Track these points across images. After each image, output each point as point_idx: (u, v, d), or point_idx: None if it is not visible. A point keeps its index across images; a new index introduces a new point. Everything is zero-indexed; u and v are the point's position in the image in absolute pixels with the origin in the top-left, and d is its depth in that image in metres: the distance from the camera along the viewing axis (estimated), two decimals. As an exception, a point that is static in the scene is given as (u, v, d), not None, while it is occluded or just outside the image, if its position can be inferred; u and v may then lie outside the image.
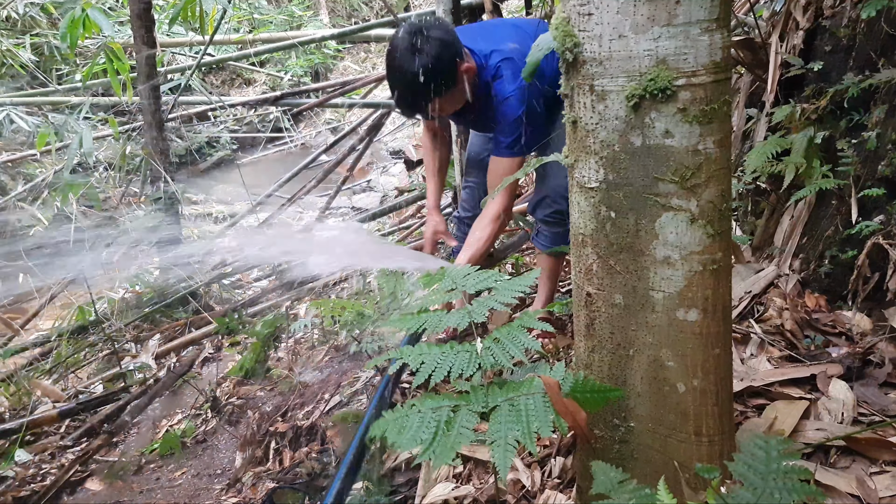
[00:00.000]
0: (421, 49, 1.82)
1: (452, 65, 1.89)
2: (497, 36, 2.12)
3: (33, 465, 2.67)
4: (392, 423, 1.14)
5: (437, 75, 1.83)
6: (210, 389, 3.06)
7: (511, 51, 2.03)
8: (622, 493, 0.98)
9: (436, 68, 1.83)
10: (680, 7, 0.94)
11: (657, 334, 1.10)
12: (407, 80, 1.84)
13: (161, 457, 2.68)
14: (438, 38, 1.84)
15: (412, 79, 1.83)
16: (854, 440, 1.41)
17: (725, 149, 1.02)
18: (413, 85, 1.84)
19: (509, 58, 2.01)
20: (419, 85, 1.83)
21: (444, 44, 1.85)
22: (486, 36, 2.12)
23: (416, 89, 1.85)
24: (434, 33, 1.85)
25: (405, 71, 1.84)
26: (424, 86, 1.83)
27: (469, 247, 2.09)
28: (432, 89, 1.84)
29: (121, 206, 5.09)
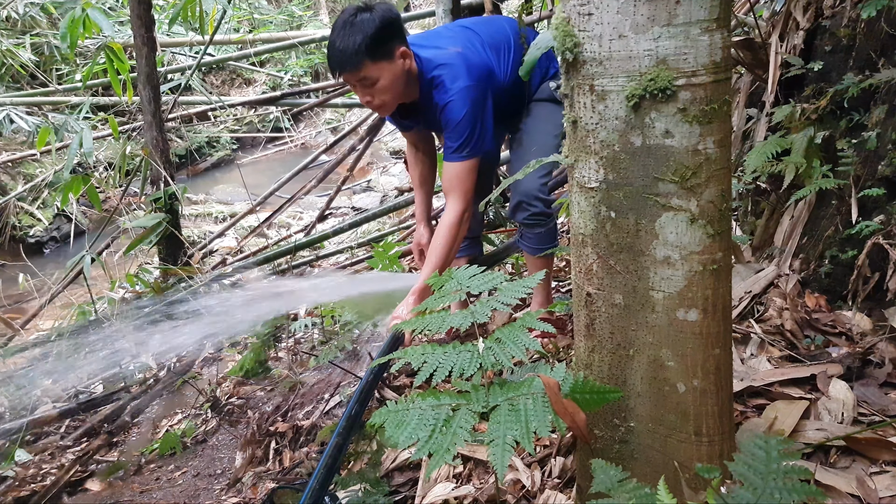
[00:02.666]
0: (363, 11, 1.91)
1: (388, 35, 1.92)
2: (443, 40, 2.13)
3: (33, 465, 2.67)
4: (391, 415, 1.14)
5: (371, 36, 1.88)
6: (210, 389, 3.06)
7: (449, 56, 2.04)
8: (622, 493, 0.98)
9: (370, 27, 1.87)
10: (680, 7, 0.94)
11: (657, 334, 1.10)
12: (341, 31, 1.89)
13: (161, 457, 2.68)
14: (380, 10, 1.92)
15: (345, 29, 1.88)
16: (854, 440, 1.41)
17: (725, 149, 1.02)
18: (345, 37, 1.88)
19: (444, 63, 2.02)
20: (351, 39, 1.87)
21: (384, 15, 1.91)
22: (433, 39, 2.14)
23: (347, 43, 1.88)
24: (378, 7, 1.92)
25: (341, 23, 1.90)
26: (356, 43, 1.87)
27: (430, 257, 2.08)
28: (364, 48, 1.87)
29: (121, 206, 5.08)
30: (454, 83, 2.00)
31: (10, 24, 7.26)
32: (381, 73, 1.96)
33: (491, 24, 2.28)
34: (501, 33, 2.21)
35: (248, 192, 5.54)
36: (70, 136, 3.98)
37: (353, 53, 1.90)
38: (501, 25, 2.25)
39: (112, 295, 3.77)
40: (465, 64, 2.03)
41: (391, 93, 2.01)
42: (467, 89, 1.99)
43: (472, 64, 2.04)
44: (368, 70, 1.93)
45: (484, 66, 2.08)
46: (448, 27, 2.34)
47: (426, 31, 2.37)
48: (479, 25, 2.24)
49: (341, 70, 1.95)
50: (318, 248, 4.66)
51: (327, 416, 2.49)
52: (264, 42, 6.53)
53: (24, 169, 7.21)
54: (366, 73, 1.94)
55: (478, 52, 2.11)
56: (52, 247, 6.99)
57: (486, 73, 2.08)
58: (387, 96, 2.01)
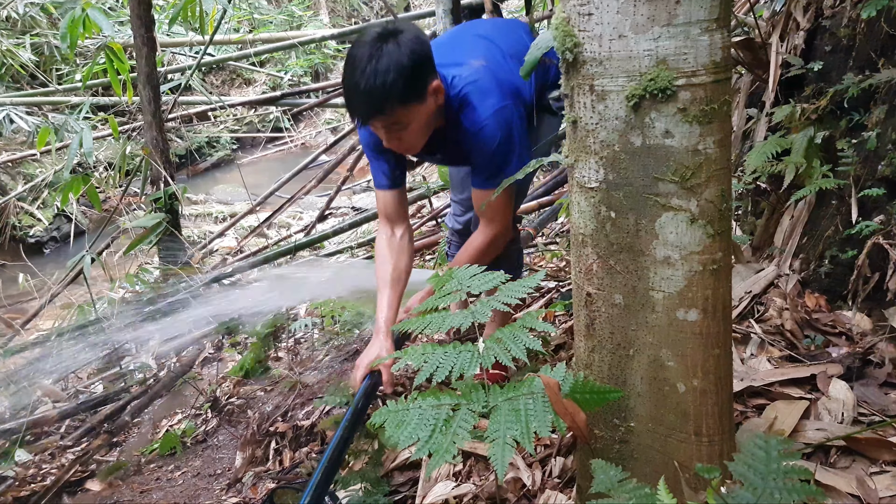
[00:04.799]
0: (387, 41, 1.56)
1: (421, 74, 1.61)
2: (460, 52, 1.84)
3: (33, 464, 2.67)
4: (392, 415, 1.15)
5: (404, 76, 1.55)
6: (210, 389, 3.06)
7: (475, 71, 1.75)
8: (622, 493, 0.98)
9: (402, 66, 1.55)
10: (680, 7, 0.94)
11: (657, 334, 1.10)
12: (365, 67, 1.54)
13: (161, 457, 2.68)
14: (409, 40, 1.58)
15: (370, 66, 1.54)
16: (854, 440, 1.41)
17: (725, 149, 1.02)
18: (372, 82, 1.54)
19: (471, 80, 1.73)
20: (379, 81, 1.54)
21: (415, 49, 1.58)
22: (449, 52, 1.83)
23: (374, 88, 1.55)
24: (405, 36, 1.59)
25: (364, 56, 1.55)
26: (386, 87, 1.54)
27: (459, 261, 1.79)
28: (395, 92, 1.55)
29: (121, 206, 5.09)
30: (484, 102, 1.71)
31: (10, 23, 7.26)
32: (414, 117, 1.65)
33: (507, 33, 1.97)
34: (521, 43, 1.90)
35: (248, 192, 5.55)
36: (70, 136, 3.98)
37: (381, 99, 1.56)
38: (519, 35, 1.96)
39: (112, 295, 3.77)
40: (493, 79, 1.74)
41: (421, 135, 1.73)
42: (501, 111, 1.71)
43: (501, 80, 1.75)
44: (399, 115, 1.62)
45: (512, 83, 1.78)
46: (462, 35, 2.04)
47: (438, 40, 2.06)
48: (495, 34, 1.94)
49: (366, 119, 1.63)
50: (319, 248, 4.66)
51: (327, 416, 2.49)
52: (264, 42, 6.54)
53: (24, 169, 7.21)
54: (396, 119, 1.63)
55: (502, 66, 1.81)
56: (52, 247, 6.99)
57: (515, 90, 1.78)
58: (416, 139, 1.73)
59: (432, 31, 4.71)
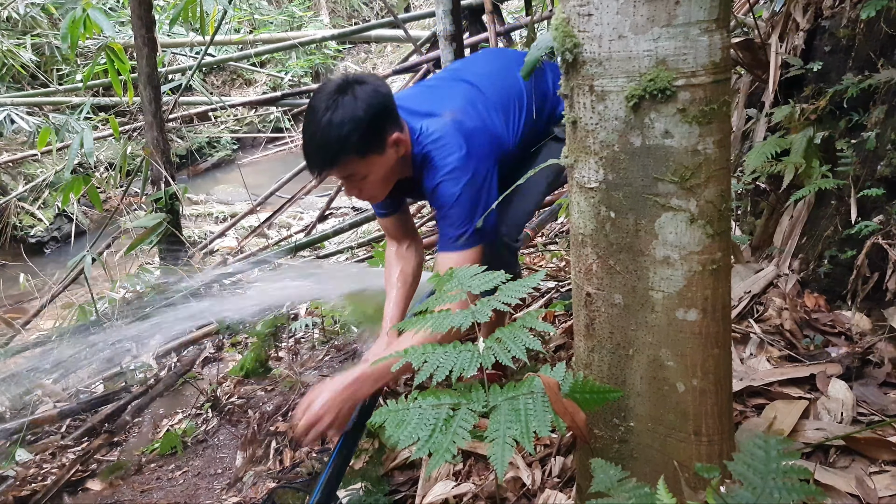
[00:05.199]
0: (344, 93, 1.56)
1: (377, 127, 1.59)
2: (437, 101, 1.80)
3: (34, 464, 2.68)
4: (392, 415, 1.15)
5: (359, 130, 1.54)
6: (210, 389, 3.06)
7: (441, 126, 1.71)
8: (622, 492, 0.99)
9: (357, 119, 1.54)
10: (680, 7, 0.94)
11: (657, 334, 1.10)
12: (321, 118, 1.54)
13: (161, 456, 2.68)
14: (367, 93, 1.57)
15: (326, 116, 1.54)
16: (853, 440, 1.41)
17: (725, 149, 1.02)
18: (327, 134, 1.54)
19: (436, 137, 1.69)
20: (333, 133, 1.53)
21: (372, 101, 1.57)
22: (426, 100, 1.81)
23: (329, 140, 1.54)
24: (364, 88, 1.57)
25: (321, 107, 1.55)
26: (341, 139, 1.54)
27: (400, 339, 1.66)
28: (350, 145, 1.55)
29: (121, 206, 5.09)
30: (445, 159, 1.67)
31: (10, 24, 7.27)
32: (371, 169, 1.63)
33: (503, 75, 1.91)
34: (513, 88, 1.87)
35: (249, 193, 5.55)
36: (71, 137, 3.99)
37: (336, 151, 1.56)
38: (514, 77, 1.86)
39: (113, 295, 3.77)
40: (459, 133, 1.70)
41: (383, 185, 1.72)
42: (461, 168, 1.66)
43: (468, 131, 1.71)
44: (355, 168, 1.61)
45: (485, 132, 1.75)
46: (449, 79, 1.97)
47: (425, 83, 2.01)
48: (486, 80, 1.88)
49: (321, 170, 1.60)
50: (319, 247, 4.66)
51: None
52: (265, 42, 6.55)
53: (24, 169, 7.22)
54: (351, 171, 1.62)
55: (478, 115, 1.78)
56: (52, 247, 6.99)
57: (488, 139, 1.75)
58: (377, 190, 1.72)
59: (432, 32, 4.71)
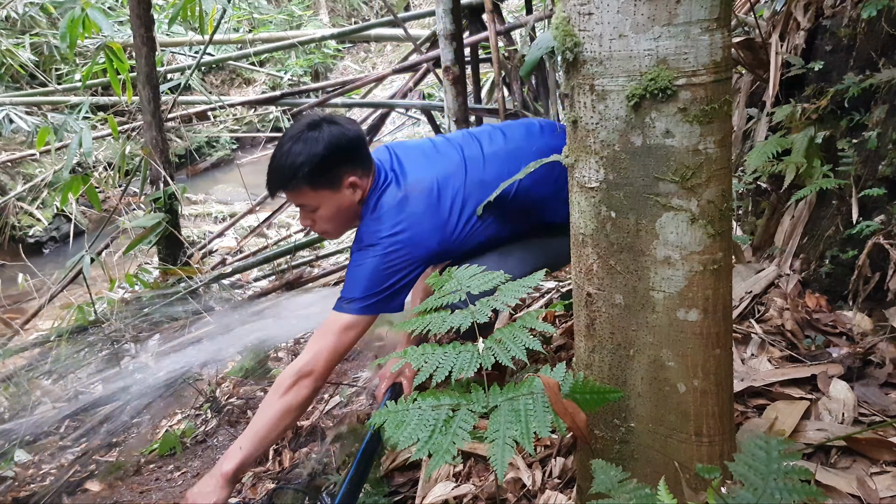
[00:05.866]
0: (313, 129, 1.70)
1: (333, 162, 1.70)
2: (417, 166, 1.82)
3: (33, 465, 2.67)
4: (391, 416, 1.15)
5: (313, 162, 1.66)
6: (210, 389, 3.06)
7: (394, 199, 1.73)
8: (622, 493, 0.98)
9: (313, 152, 1.66)
10: (680, 7, 0.94)
11: (657, 334, 1.09)
12: (285, 147, 1.69)
13: (161, 457, 2.68)
14: (331, 133, 1.69)
15: (289, 145, 1.69)
16: (855, 440, 1.40)
17: (726, 148, 1.01)
18: (284, 160, 1.68)
19: (378, 206, 1.73)
20: (290, 160, 1.67)
21: (332, 141, 1.69)
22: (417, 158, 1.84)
23: (284, 165, 1.68)
24: (330, 128, 1.70)
25: (288, 138, 1.70)
26: (294, 167, 1.66)
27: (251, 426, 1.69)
28: (302, 174, 1.67)
29: (120, 206, 5.08)
30: (376, 232, 1.70)
31: (9, 23, 7.26)
32: (322, 203, 1.74)
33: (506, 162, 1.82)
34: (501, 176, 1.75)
35: (248, 192, 5.54)
36: (69, 136, 3.98)
37: (289, 177, 1.69)
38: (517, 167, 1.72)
39: (111, 295, 3.77)
40: (402, 213, 1.72)
41: (333, 223, 1.79)
42: (388, 246, 1.68)
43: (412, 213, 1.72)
44: (306, 197, 1.73)
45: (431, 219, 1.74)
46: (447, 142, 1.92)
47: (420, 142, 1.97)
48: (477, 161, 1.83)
49: (274, 189, 1.74)
50: (318, 247, 4.66)
51: (327, 416, 2.49)
52: (264, 42, 6.54)
53: (23, 169, 7.21)
54: (303, 200, 1.75)
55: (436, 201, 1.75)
56: (51, 247, 6.99)
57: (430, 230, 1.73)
58: (329, 226, 1.80)
59: (432, 31, 4.71)
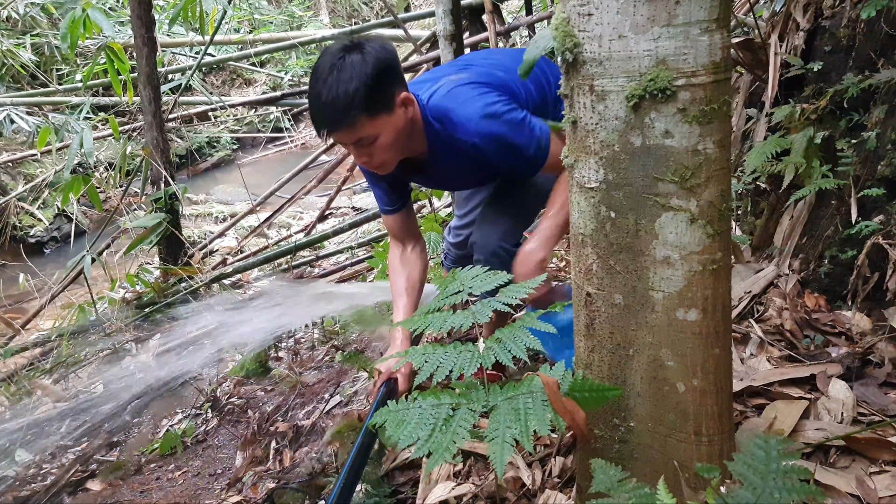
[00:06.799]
0: (351, 52, 1.53)
1: (386, 81, 1.56)
2: (436, 73, 1.80)
3: (33, 465, 2.68)
4: (392, 415, 1.15)
5: (367, 85, 1.50)
6: (210, 389, 3.06)
7: (449, 83, 1.69)
8: (622, 493, 0.99)
9: (364, 75, 1.50)
10: (680, 7, 0.94)
11: (657, 334, 1.10)
12: (328, 78, 1.51)
13: (161, 456, 2.68)
14: (373, 50, 1.54)
15: (332, 76, 1.50)
16: (854, 440, 1.41)
17: (725, 149, 1.02)
18: (334, 92, 1.50)
19: (448, 92, 1.66)
20: (342, 90, 1.50)
21: (379, 56, 1.54)
22: (425, 80, 1.79)
23: (337, 98, 1.50)
24: (370, 46, 1.55)
25: (326, 67, 1.52)
26: (349, 96, 1.50)
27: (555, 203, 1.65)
28: (359, 101, 1.50)
29: (121, 206, 5.09)
30: (470, 107, 1.62)
31: (10, 24, 7.27)
32: (381, 130, 1.58)
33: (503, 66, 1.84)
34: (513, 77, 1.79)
35: (249, 192, 5.55)
36: (70, 137, 3.99)
37: (344, 109, 1.51)
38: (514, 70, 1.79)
39: (112, 295, 3.77)
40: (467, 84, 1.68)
41: (393, 150, 1.65)
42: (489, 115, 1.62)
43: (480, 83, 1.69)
44: (365, 128, 1.56)
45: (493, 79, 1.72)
46: (447, 65, 1.94)
47: (425, 73, 1.99)
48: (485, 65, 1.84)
49: (331, 129, 1.56)
50: (319, 247, 4.66)
51: (328, 416, 2.50)
52: (264, 42, 6.54)
53: (24, 169, 7.22)
54: (362, 133, 1.57)
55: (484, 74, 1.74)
56: (52, 247, 6.99)
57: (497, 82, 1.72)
58: (388, 154, 1.65)
59: (432, 31, 4.71)
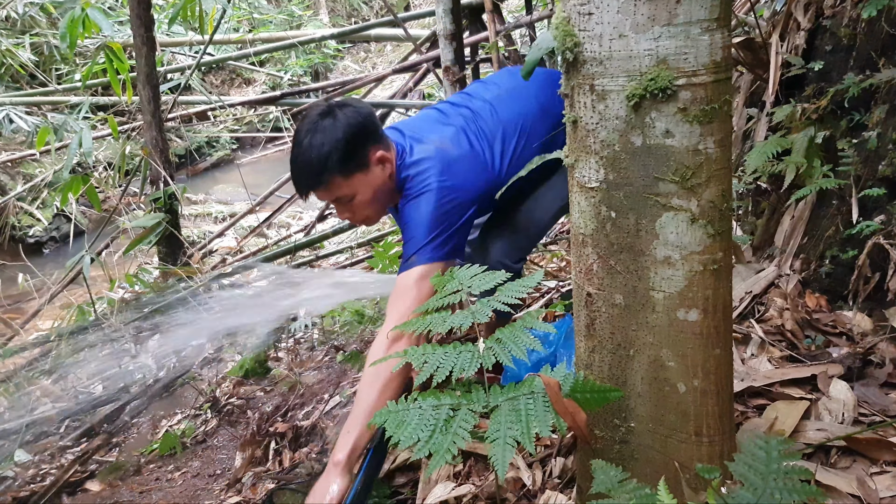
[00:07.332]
0: (325, 117, 1.63)
1: (359, 142, 1.64)
2: (428, 129, 1.82)
3: (33, 465, 2.67)
4: (392, 415, 1.15)
5: (338, 149, 1.60)
6: (210, 389, 3.06)
7: (428, 151, 1.73)
8: (622, 493, 0.98)
9: (335, 138, 1.60)
10: (680, 6, 0.94)
11: (658, 334, 1.09)
12: (304, 142, 1.62)
13: (161, 457, 2.68)
14: (346, 114, 1.64)
15: (308, 140, 1.61)
16: (855, 440, 1.41)
17: (726, 148, 1.01)
18: (308, 155, 1.61)
19: (417, 160, 1.71)
20: (315, 154, 1.60)
21: (350, 120, 1.63)
22: (416, 132, 1.82)
23: (310, 161, 1.60)
24: (344, 111, 1.65)
25: (303, 132, 1.63)
26: (321, 158, 1.60)
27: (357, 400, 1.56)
28: (332, 164, 1.60)
29: (120, 206, 5.08)
30: (422, 182, 1.68)
31: (9, 23, 7.26)
32: (357, 188, 1.67)
33: (514, 96, 1.88)
34: (523, 110, 1.85)
35: (248, 192, 5.54)
36: (69, 136, 3.99)
37: (318, 171, 1.61)
38: (527, 98, 1.86)
39: (112, 295, 3.77)
40: (441, 160, 1.71)
41: (373, 206, 1.73)
42: (433, 191, 1.66)
43: (451, 160, 1.72)
44: (341, 188, 1.65)
45: (469, 160, 1.75)
46: (454, 105, 1.94)
47: (429, 109, 2.01)
48: (492, 104, 1.87)
49: (306, 191, 1.66)
50: (318, 247, 4.66)
51: (327, 416, 2.49)
52: (264, 42, 6.54)
53: (23, 169, 7.21)
54: (338, 193, 1.66)
55: (466, 143, 1.78)
56: (51, 247, 6.98)
57: (471, 168, 1.75)
58: (369, 210, 1.74)
59: (432, 31, 4.71)
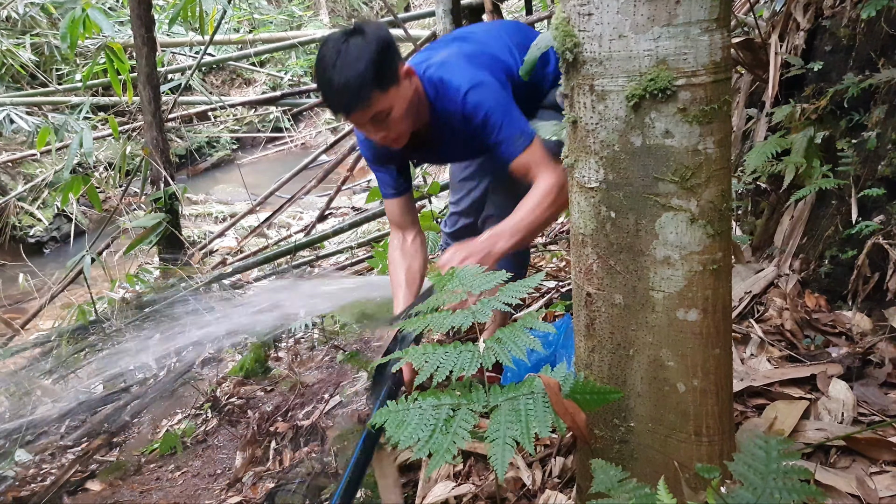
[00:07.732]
0: (353, 36, 1.61)
1: (389, 58, 1.63)
2: (430, 51, 1.89)
3: (33, 465, 2.67)
4: (392, 415, 1.15)
5: (374, 62, 1.58)
6: (210, 389, 3.06)
7: (446, 55, 1.79)
8: (622, 493, 0.98)
9: (370, 53, 1.58)
10: (680, 7, 0.94)
11: (657, 334, 1.10)
12: (336, 63, 1.59)
13: (161, 457, 2.68)
14: (372, 30, 1.63)
15: (340, 61, 1.58)
16: (854, 440, 1.41)
17: (725, 149, 1.02)
18: (343, 71, 1.58)
19: (441, 62, 1.76)
20: (352, 71, 1.57)
21: (380, 35, 1.62)
22: (422, 56, 1.88)
23: (348, 76, 1.58)
24: (368, 28, 1.64)
25: (332, 54, 1.60)
26: (360, 75, 1.57)
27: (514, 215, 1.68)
28: (370, 78, 1.58)
29: (121, 206, 5.09)
30: (461, 76, 1.71)
31: (10, 23, 7.26)
32: (394, 102, 1.66)
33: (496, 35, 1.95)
34: (495, 39, 1.92)
35: (248, 192, 5.55)
36: (70, 136, 3.99)
37: (357, 88, 1.58)
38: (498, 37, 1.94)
39: (112, 295, 3.77)
40: (462, 56, 1.77)
41: (406, 121, 1.72)
42: (480, 78, 1.71)
43: (470, 54, 1.79)
44: (380, 103, 1.63)
45: (487, 55, 1.81)
46: (438, 41, 2.03)
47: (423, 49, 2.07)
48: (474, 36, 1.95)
49: (349, 110, 1.63)
50: (318, 248, 4.66)
51: (328, 416, 2.50)
52: (264, 42, 6.55)
53: (24, 169, 7.22)
54: (378, 108, 1.64)
55: (477, 44, 1.86)
56: (52, 247, 6.99)
57: (492, 59, 1.80)
58: (402, 126, 1.72)
59: (432, 31, 4.71)
